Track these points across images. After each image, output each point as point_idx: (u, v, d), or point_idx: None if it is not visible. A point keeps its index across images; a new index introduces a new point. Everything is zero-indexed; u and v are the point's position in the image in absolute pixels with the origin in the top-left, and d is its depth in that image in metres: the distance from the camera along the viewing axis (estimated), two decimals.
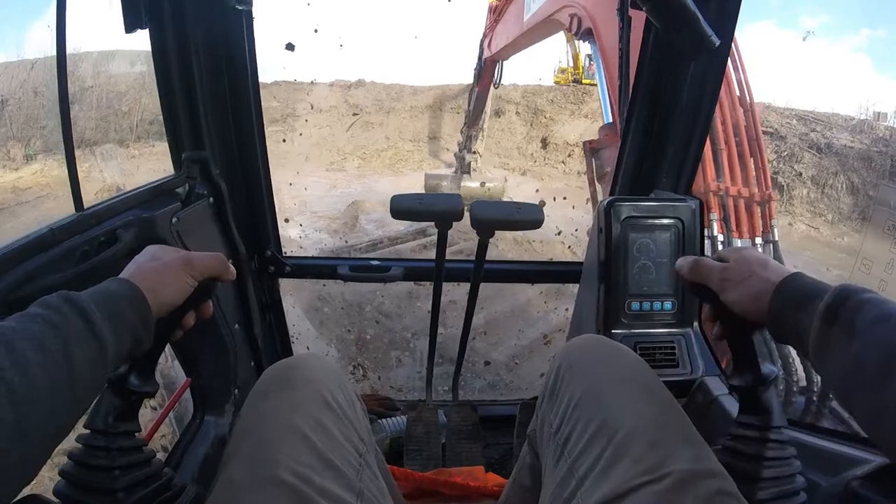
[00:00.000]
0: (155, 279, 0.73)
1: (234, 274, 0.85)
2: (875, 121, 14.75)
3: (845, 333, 0.65)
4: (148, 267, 0.75)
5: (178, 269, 0.76)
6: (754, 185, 3.33)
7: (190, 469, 1.31)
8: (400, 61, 32.31)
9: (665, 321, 1.34)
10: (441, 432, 1.81)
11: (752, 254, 0.85)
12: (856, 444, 0.95)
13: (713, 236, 3.24)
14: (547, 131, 17.12)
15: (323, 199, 12.26)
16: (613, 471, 0.71)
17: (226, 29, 1.40)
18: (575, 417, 0.81)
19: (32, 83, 11.94)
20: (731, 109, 3.55)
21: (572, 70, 18.18)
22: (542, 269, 2.01)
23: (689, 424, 0.78)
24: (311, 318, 5.64)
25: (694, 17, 1.28)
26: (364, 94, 18.25)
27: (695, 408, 1.24)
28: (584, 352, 0.92)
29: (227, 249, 1.48)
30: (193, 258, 0.79)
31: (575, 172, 15.01)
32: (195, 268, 0.78)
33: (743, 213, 3.39)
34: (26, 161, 11.39)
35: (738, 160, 3.40)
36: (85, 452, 0.70)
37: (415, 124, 17.60)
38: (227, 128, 1.48)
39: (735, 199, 3.23)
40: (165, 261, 0.77)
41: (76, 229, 1.00)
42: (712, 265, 0.86)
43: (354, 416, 0.84)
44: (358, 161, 16.36)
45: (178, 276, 0.76)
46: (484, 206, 1.36)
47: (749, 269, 0.81)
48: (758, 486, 0.79)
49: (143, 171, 10.27)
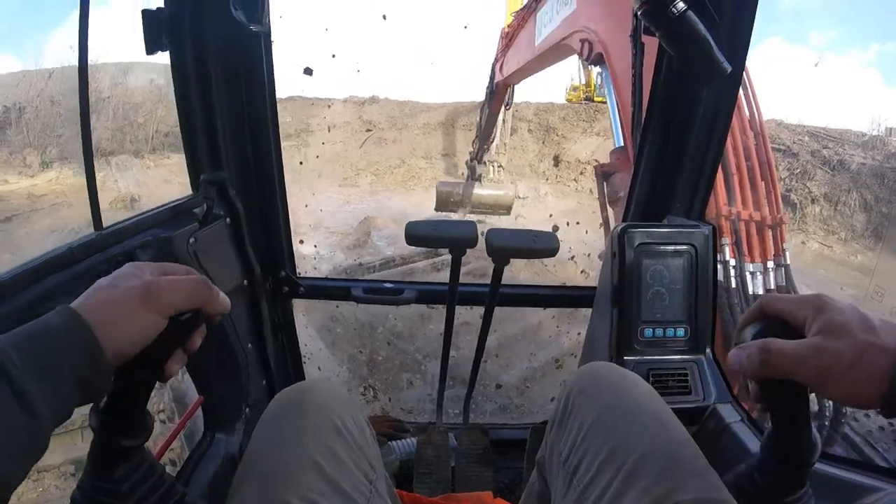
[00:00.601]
0: (107, 313, 0.57)
1: (226, 304, 0.67)
2: (887, 136, 14.50)
3: None
4: (101, 297, 0.59)
5: (134, 302, 0.58)
6: (765, 208, 3.30)
7: (200, 486, 1.31)
8: (413, 78, 32.68)
9: (678, 348, 1.33)
10: (451, 455, 1.80)
11: (840, 310, 0.59)
12: (868, 473, 0.93)
13: (725, 261, 3.21)
14: (559, 149, 17.00)
15: (335, 215, 12.29)
16: (622, 501, 0.70)
17: (244, 51, 1.42)
18: (585, 446, 0.81)
19: (50, 92, 12.15)
20: (741, 133, 3.52)
21: (584, 88, 18.14)
22: (555, 293, 2.00)
23: (699, 455, 0.77)
24: (323, 337, 5.65)
25: (706, 44, 1.28)
26: (378, 110, 18.34)
27: (706, 435, 1.23)
28: (594, 380, 0.92)
29: (242, 270, 1.49)
30: (159, 288, 0.60)
31: (587, 191, 14.94)
32: (159, 300, 0.60)
33: (755, 237, 3.34)
34: (42, 169, 11.54)
35: (749, 184, 3.39)
36: (91, 484, 0.67)
37: (427, 141, 17.60)
38: (245, 149, 1.51)
39: (747, 223, 3.20)
40: (123, 289, 0.59)
41: (95, 248, 1.02)
42: (797, 350, 0.58)
43: (364, 442, 0.84)
44: (371, 177, 16.38)
45: (134, 311, 0.58)
46: (499, 234, 1.36)
47: (856, 341, 0.56)
48: None
49: (156, 181, 10.35)
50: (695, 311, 1.34)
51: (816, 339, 0.58)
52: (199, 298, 0.63)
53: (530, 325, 6.19)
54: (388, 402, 4.68)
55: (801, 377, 0.58)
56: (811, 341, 0.58)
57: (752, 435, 1.18)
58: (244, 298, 1.53)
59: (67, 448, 3.63)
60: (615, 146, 3.01)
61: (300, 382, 0.94)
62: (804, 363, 0.58)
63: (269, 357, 1.60)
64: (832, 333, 0.57)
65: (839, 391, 0.57)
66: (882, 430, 2.29)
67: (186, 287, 0.62)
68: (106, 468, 0.66)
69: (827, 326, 0.58)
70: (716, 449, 1.19)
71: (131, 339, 0.57)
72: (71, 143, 11.09)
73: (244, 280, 1.51)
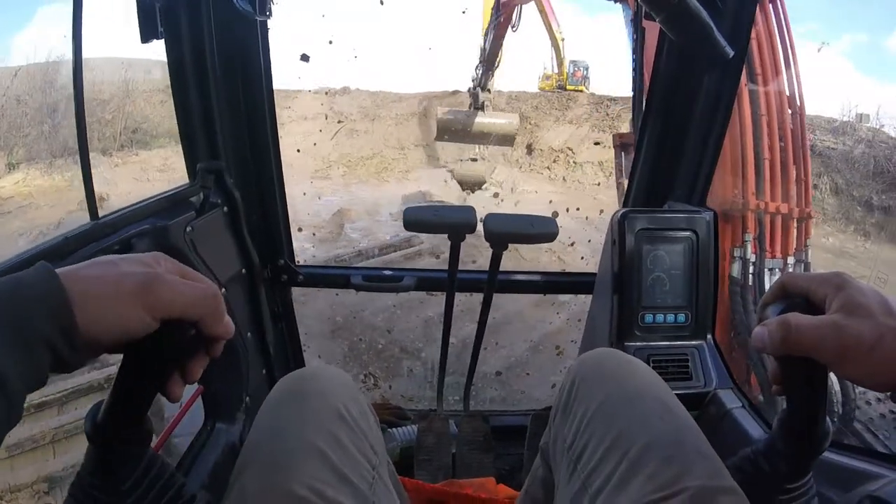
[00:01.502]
0: (91, 286, 0.50)
1: (230, 330, 0.58)
2: (858, 122, 14.84)
3: None
4: (93, 270, 0.52)
5: (126, 288, 0.50)
6: (793, 200, 2.97)
7: (200, 476, 1.31)
8: (386, 68, 32.41)
9: (678, 333, 1.33)
10: (452, 442, 1.80)
11: (860, 291, 0.58)
12: (869, 459, 0.93)
13: (745, 258, 3.02)
14: (532, 137, 16.93)
15: (308, 208, 12.00)
16: (628, 486, 0.70)
17: (241, 39, 1.41)
18: (589, 432, 0.81)
19: (15, 91, 11.91)
20: (778, 111, 2.90)
21: (557, 76, 18.22)
22: (554, 279, 2.00)
23: (703, 440, 0.77)
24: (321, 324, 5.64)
25: (708, 29, 1.28)
26: (349, 101, 18.17)
27: (707, 420, 1.23)
28: (598, 366, 0.91)
29: (240, 258, 1.48)
30: (158, 283, 0.52)
31: (560, 178, 15.17)
32: (153, 296, 0.51)
33: (779, 231, 2.95)
34: (9, 170, 11.29)
35: (780, 171, 3.03)
36: (91, 476, 0.65)
37: (400, 131, 17.51)
38: (242, 137, 1.50)
39: (773, 216, 2.94)
40: (120, 271, 0.52)
41: (90, 238, 1.01)
42: (817, 326, 0.57)
43: (367, 428, 0.84)
44: (343, 169, 16.26)
45: (122, 298, 0.50)
46: (498, 219, 1.35)
47: (877, 323, 0.55)
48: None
49: (125, 179, 10.22)
50: (696, 296, 1.33)
51: (837, 316, 0.57)
52: (201, 309, 0.54)
53: (509, 312, 6.15)
54: (389, 389, 4.69)
55: (820, 355, 0.57)
56: (832, 318, 0.57)
57: (753, 421, 1.18)
58: (243, 287, 1.52)
59: (39, 465, 3.48)
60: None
61: (302, 369, 0.93)
62: (824, 341, 0.56)
63: (268, 345, 1.60)
64: (852, 313, 0.56)
65: (857, 371, 0.56)
66: (883, 417, 2.30)
67: (190, 292, 0.53)
68: (101, 471, 0.64)
69: (847, 305, 0.57)
70: (717, 434, 1.19)
71: (109, 328, 0.49)
72: (38, 143, 10.87)
73: (242, 269, 1.50)
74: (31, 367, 0.46)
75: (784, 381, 0.64)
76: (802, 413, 0.66)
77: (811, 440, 0.67)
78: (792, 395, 0.66)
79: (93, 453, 0.62)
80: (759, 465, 0.74)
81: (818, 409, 0.64)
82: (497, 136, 10.93)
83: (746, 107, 1.77)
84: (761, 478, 0.75)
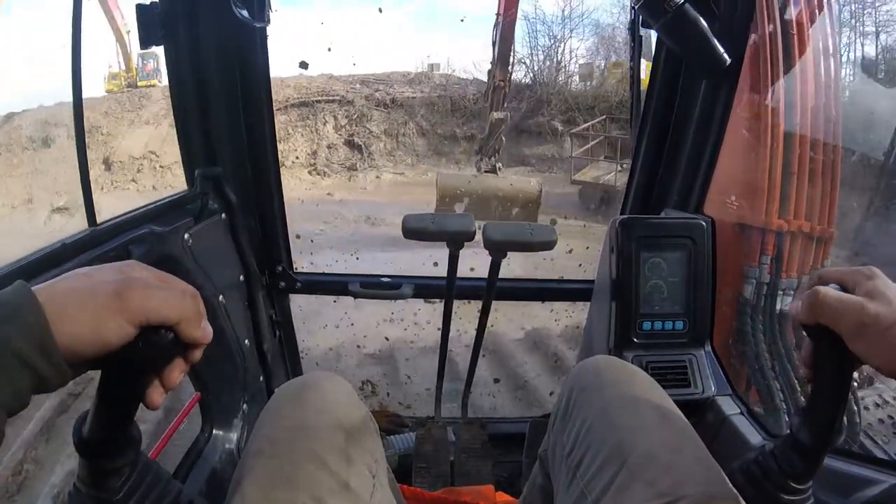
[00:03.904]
0: (67, 301, 0.49)
1: (207, 336, 0.56)
2: (430, 72, 17.65)
3: None
4: (66, 284, 0.51)
5: (101, 298, 0.50)
6: (816, 218, 2.74)
7: (198, 483, 1.31)
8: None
9: (676, 340, 1.33)
10: (450, 450, 1.80)
11: (887, 284, 0.64)
12: (867, 465, 0.94)
13: (760, 280, 2.82)
14: (107, 149, 14.70)
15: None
16: (627, 494, 0.70)
17: (240, 45, 1.42)
18: (588, 440, 0.81)
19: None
20: (812, 116, 2.64)
21: (125, 74, 16.38)
22: (553, 287, 2.00)
23: (702, 447, 0.77)
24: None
25: (705, 36, 1.28)
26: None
27: (705, 427, 1.23)
28: (597, 373, 0.91)
29: (238, 265, 1.48)
30: (132, 289, 0.51)
31: (150, 188, 13.72)
32: (129, 302, 0.50)
33: (798, 250, 2.71)
34: None
35: (806, 185, 2.77)
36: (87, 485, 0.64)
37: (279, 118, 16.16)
38: (241, 144, 1.50)
39: (793, 235, 2.69)
40: (93, 284, 0.51)
41: (89, 244, 1.01)
42: (843, 301, 0.62)
43: (367, 436, 0.84)
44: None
45: (98, 308, 0.49)
46: (497, 227, 1.36)
47: (894, 311, 0.60)
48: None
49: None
50: (693, 303, 1.34)
51: (862, 297, 0.62)
52: (178, 311, 0.53)
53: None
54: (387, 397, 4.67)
55: (840, 327, 0.62)
56: (856, 297, 0.62)
57: (752, 427, 1.18)
58: (241, 294, 1.52)
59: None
60: None
61: (302, 376, 0.93)
62: (844, 314, 0.61)
63: (266, 353, 1.59)
64: (876, 297, 0.61)
65: (870, 349, 0.60)
66: (882, 422, 2.30)
67: (166, 295, 0.52)
68: (95, 481, 0.63)
69: (872, 291, 0.62)
70: (715, 441, 1.19)
71: (88, 339, 0.49)
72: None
73: (241, 275, 1.50)
74: (9, 388, 0.45)
75: (815, 359, 0.67)
76: (827, 399, 0.68)
77: (829, 430, 0.68)
78: (819, 377, 0.68)
79: (84, 464, 0.62)
80: (767, 466, 0.74)
81: (842, 397, 0.67)
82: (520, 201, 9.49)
83: (780, 119, 1.72)
84: (769, 478, 0.74)
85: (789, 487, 0.71)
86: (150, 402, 0.55)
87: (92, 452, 0.61)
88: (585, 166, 13.05)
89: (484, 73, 15.35)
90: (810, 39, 1.45)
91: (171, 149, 13.23)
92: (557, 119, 16.09)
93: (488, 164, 9.75)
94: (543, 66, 17.75)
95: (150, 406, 0.56)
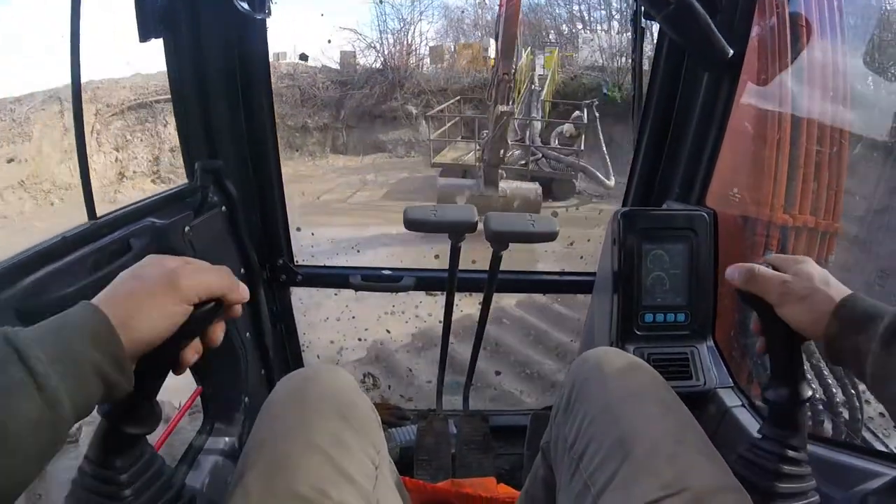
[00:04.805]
0: (130, 306, 0.57)
1: (245, 294, 0.70)
2: (276, 61, 16.45)
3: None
4: (123, 290, 0.59)
5: (160, 293, 0.59)
6: (822, 213, 2.74)
7: (200, 477, 1.31)
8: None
9: (678, 333, 1.33)
10: (451, 442, 1.80)
11: (813, 267, 0.78)
12: (870, 458, 0.94)
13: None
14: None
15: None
16: (631, 486, 0.70)
17: (240, 38, 1.41)
18: (591, 432, 0.80)
19: None
20: (817, 110, 2.62)
21: None
22: (554, 279, 2.00)
23: (705, 439, 0.77)
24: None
25: (707, 28, 1.27)
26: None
27: (707, 420, 1.23)
28: (599, 365, 0.91)
29: (239, 258, 1.48)
30: (181, 278, 0.61)
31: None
32: (182, 290, 0.61)
33: (802, 245, 2.74)
34: None
35: (812, 180, 2.78)
36: (91, 474, 0.66)
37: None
38: (241, 136, 1.49)
39: (798, 230, 2.70)
40: (147, 282, 0.60)
41: (89, 238, 1.00)
42: (771, 276, 0.79)
43: (370, 427, 0.83)
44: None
45: (160, 302, 0.59)
46: (498, 218, 1.35)
47: (811, 285, 0.75)
48: (773, 502, 0.78)
49: None
50: (695, 296, 1.33)
51: (787, 276, 0.78)
52: (223, 287, 0.66)
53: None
54: (388, 390, 4.68)
55: (767, 296, 0.78)
56: (783, 275, 0.78)
57: (753, 419, 1.18)
58: None
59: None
60: None
61: (303, 368, 0.93)
62: (771, 287, 0.78)
63: (267, 346, 1.59)
64: (798, 275, 0.77)
65: (791, 314, 0.76)
66: (883, 416, 2.30)
67: (209, 275, 0.65)
68: (108, 455, 0.65)
69: (798, 271, 0.78)
70: (717, 433, 1.19)
71: (156, 329, 0.58)
72: None
73: (241, 269, 1.50)
74: (83, 395, 0.52)
75: (765, 333, 0.82)
76: (783, 358, 0.81)
77: (795, 386, 0.79)
78: (770, 341, 0.82)
79: (102, 433, 0.65)
80: (760, 447, 0.80)
81: (794, 358, 0.80)
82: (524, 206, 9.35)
83: (786, 111, 1.68)
84: (764, 458, 0.79)
85: (787, 458, 0.78)
86: (186, 361, 0.65)
87: (116, 416, 0.64)
88: (444, 148, 13.17)
89: (332, 62, 16.47)
90: (814, 30, 1.44)
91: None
92: (411, 103, 16.29)
93: (491, 173, 9.43)
94: (394, 50, 17.64)
95: (184, 364, 0.65)
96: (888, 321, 0.66)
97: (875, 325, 0.67)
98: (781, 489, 0.78)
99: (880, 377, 0.65)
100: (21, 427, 0.47)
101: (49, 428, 0.49)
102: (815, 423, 1.44)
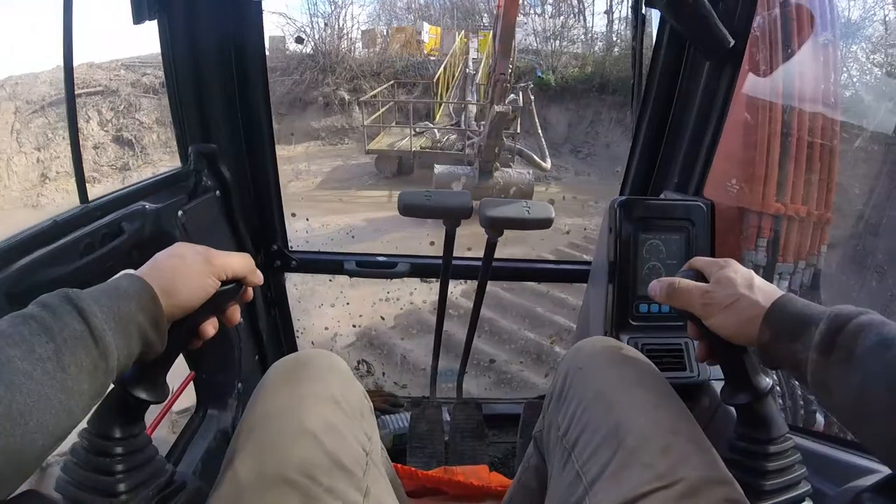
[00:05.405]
0: (172, 278, 0.67)
1: (261, 279, 0.79)
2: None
3: (845, 364, 0.61)
4: (166, 264, 0.69)
5: (197, 267, 0.70)
6: (814, 203, 2.75)
7: (191, 463, 1.31)
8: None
9: (673, 323, 1.33)
10: (444, 430, 1.80)
11: (735, 270, 0.77)
12: (865, 454, 0.94)
13: (756, 263, 2.84)
14: None
15: None
16: (623, 476, 0.69)
17: (234, 20, 1.39)
18: (584, 421, 0.80)
19: None
20: (811, 102, 2.60)
21: None
22: (549, 268, 1.99)
23: (699, 430, 0.77)
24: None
25: (709, 16, 1.26)
26: None
27: (701, 411, 1.23)
28: (593, 354, 0.91)
29: (233, 243, 1.47)
30: (214, 257, 0.72)
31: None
32: (215, 266, 0.72)
33: (794, 234, 2.72)
34: None
35: (804, 170, 2.78)
36: (86, 452, 0.67)
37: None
38: (235, 120, 1.48)
39: (790, 219, 2.71)
40: (186, 259, 0.70)
41: (81, 222, 0.99)
42: (691, 288, 0.78)
43: (362, 413, 0.83)
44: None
45: (197, 275, 0.70)
46: (494, 204, 1.34)
47: (734, 292, 0.74)
48: (763, 497, 0.78)
49: None
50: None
51: (709, 285, 0.78)
52: (245, 269, 0.76)
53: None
54: (382, 376, 4.69)
55: (692, 309, 0.78)
56: (704, 285, 0.78)
57: None
58: None
59: None
60: None
61: (296, 353, 0.92)
62: (694, 299, 0.77)
63: (261, 332, 1.59)
64: (720, 283, 0.76)
65: (718, 324, 0.75)
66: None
67: (235, 257, 0.75)
68: (110, 425, 0.66)
69: (719, 278, 0.77)
70: (710, 424, 1.19)
71: (192, 297, 0.69)
72: None
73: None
74: (128, 351, 0.60)
75: (703, 342, 0.81)
76: (729, 359, 0.79)
77: (746, 388, 0.78)
78: (718, 358, 0.81)
79: (112, 396, 0.66)
80: (737, 451, 0.79)
81: (745, 367, 0.78)
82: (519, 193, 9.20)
83: (780, 102, 1.68)
84: (746, 462, 0.78)
85: (766, 454, 0.77)
86: (206, 334, 0.75)
87: (130, 380, 0.67)
88: (378, 134, 12.91)
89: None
90: (812, 23, 1.43)
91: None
92: (343, 88, 15.84)
93: (486, 167, 9.36)
94: (325, 35, 16.98)
95: (203, 335, 0.74)
96: (823, 328, 0.64)
97: (809, 332, 0.65)
98: (769, 486, 0.78)
99: (823, 386, 0.63)
100: (80, 372, 0.54)
101: (101, 375, 0.56)
102: (808, 415, 1.44)
